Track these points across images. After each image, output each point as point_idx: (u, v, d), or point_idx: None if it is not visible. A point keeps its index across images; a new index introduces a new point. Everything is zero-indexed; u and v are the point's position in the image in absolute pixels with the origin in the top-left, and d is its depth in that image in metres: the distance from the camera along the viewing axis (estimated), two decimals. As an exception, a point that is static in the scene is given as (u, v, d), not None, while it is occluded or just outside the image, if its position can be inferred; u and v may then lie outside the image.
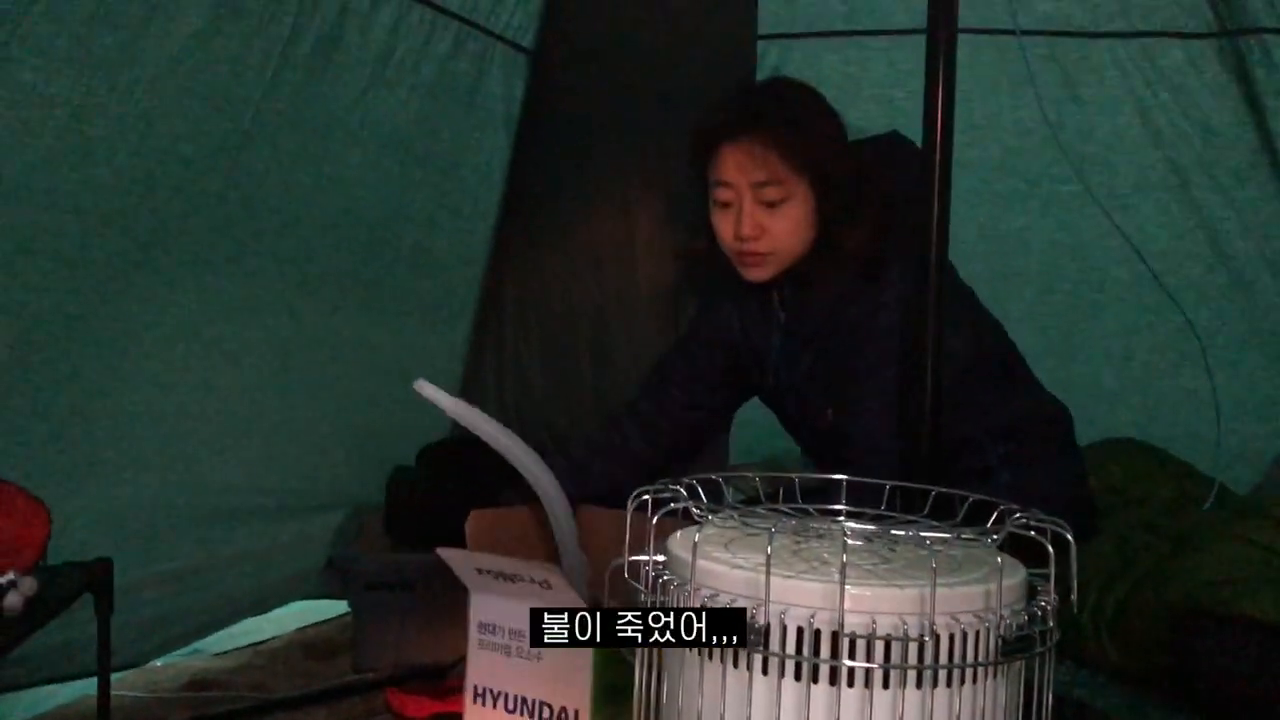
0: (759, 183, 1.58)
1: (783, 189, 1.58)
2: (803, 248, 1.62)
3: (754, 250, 1.62)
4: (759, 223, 1.60)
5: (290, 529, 2.28)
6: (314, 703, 1.91)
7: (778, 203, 1.58)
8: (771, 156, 1.57)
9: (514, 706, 1.49)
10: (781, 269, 1.64)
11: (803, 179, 1.58)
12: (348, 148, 2.22)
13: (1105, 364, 2.51)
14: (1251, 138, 2.30)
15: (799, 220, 1.60)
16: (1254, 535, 1.46)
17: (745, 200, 1.59)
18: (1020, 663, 0.93)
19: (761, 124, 1.58)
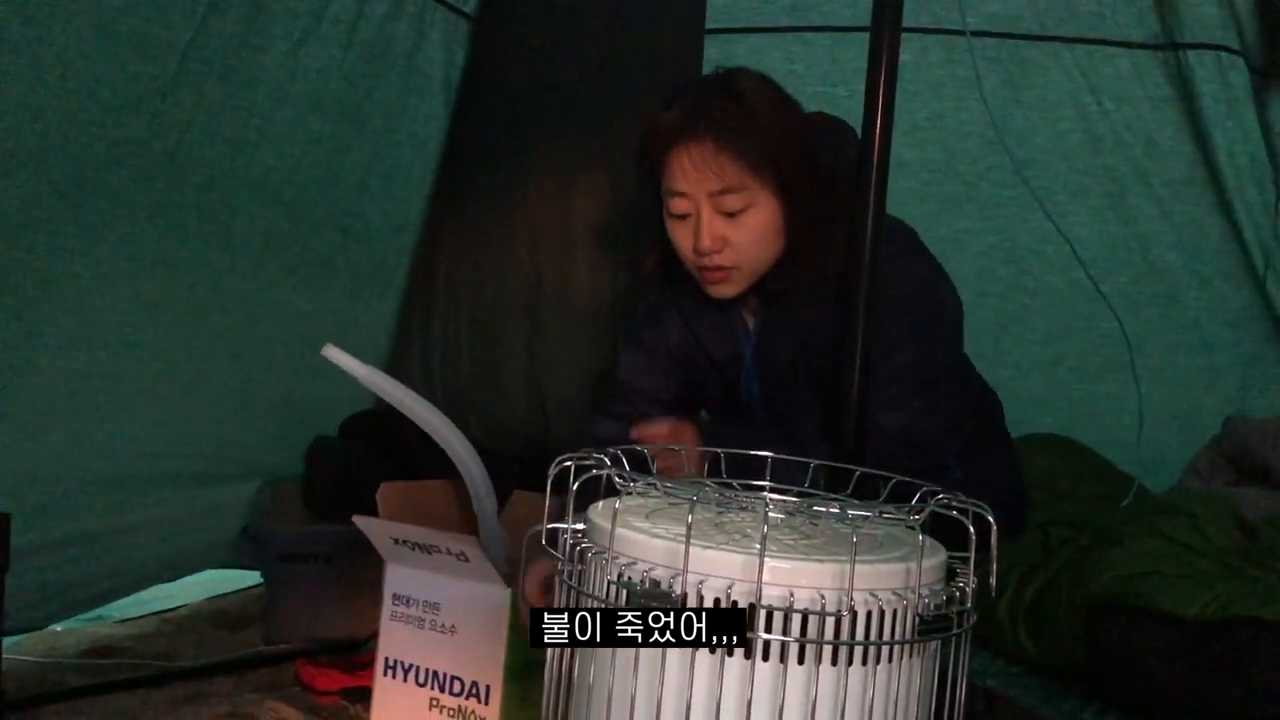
0: (717, 191, 1.42)
1: (744, 196, 1.42)
2: (771, 259, 1.47)
3: (717, 265, 1.46)
4: (720, 234, 1.43)
5: (204, 496, 2.21)
6: (220, 673, 1.86)
7: (739, 212, 1.43)
8: (729, 162, 1.40)
9: (425, 680, 1.46)
10: (749, 283, 1.49)
11: (766, 184, 1.42)
12: (277, 103, 2.16)
13: (1034, 368, 2.53)
14: (1190, 151, 2.34)
15: (764, 230, 1.44)
16: (1170, 531, 1.48)
17: (703, 211, 1.43)
18: (936, 644, 0.92)
19: (716, 125, 1.41)
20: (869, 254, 1.35)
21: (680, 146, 1.42)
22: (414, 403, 1.49)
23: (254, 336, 2.28)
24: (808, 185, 1.45)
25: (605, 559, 0.93)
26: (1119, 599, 1.34)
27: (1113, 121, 2.37)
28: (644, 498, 1.02)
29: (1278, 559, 1.44)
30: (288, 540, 2.06)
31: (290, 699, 1.78)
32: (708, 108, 1.42)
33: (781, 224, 1.45)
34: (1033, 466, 2.09)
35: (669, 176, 1.45)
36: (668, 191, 1.46)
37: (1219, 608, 1.28)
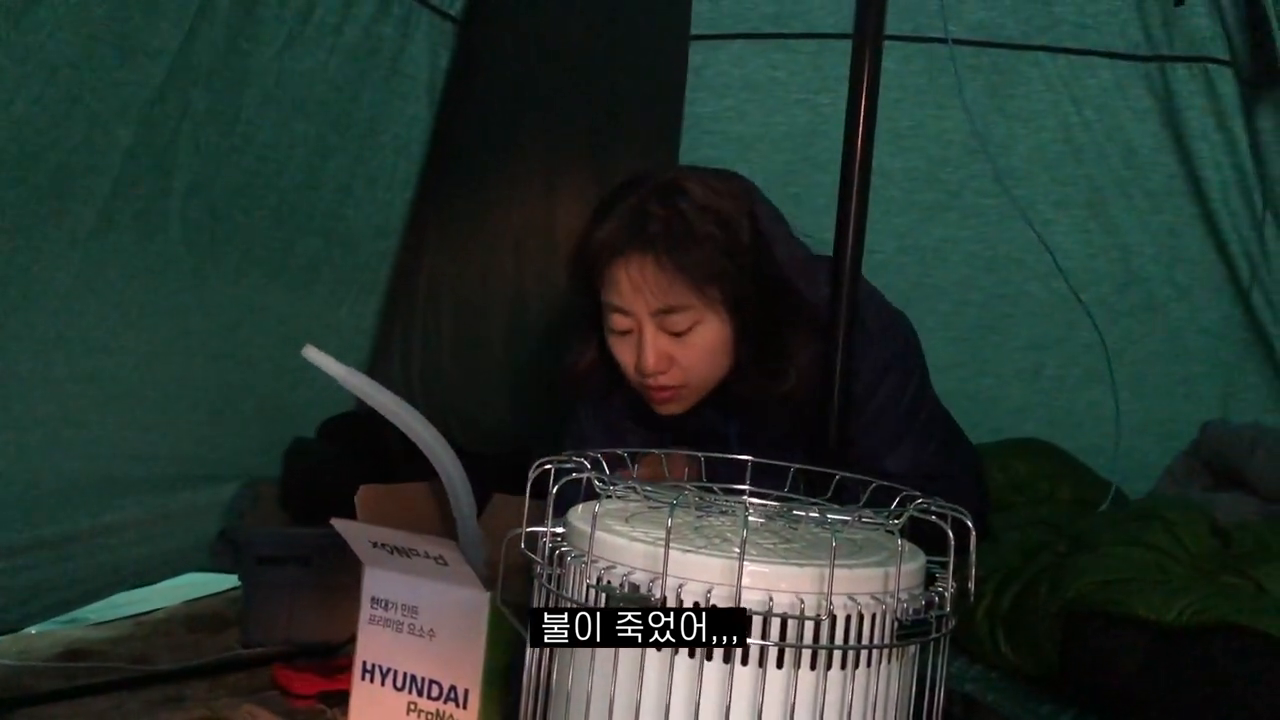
0: (660, 310, 1.33)
1: (690, 315, 1.33)
2: (721, 374, 1.39)
3: (662, 385, 1.37)
4: (665, 354, 1.35)
5: (182, 499, 2.20)
6: (196, 676, 1.84)
7: (685, 331, 1.34)
8: (672, 281, 1.31)
9: (403, 684, 1.45)
10: (700, 398, 1.41)
11: (713, 301, 1.34)
12: (262, 108, 2.16)
13: (1014, 378, 2.54)
14: (1170, 163, 2.35)
15: (714, 347, 1.36)
16: (1146, 538, 1.49)
17: (646, 329, 1.34)
18: (915, 649, 0.92)
19: (657, 242, 1.31)
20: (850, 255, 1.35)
21: (622, 261, 1.33)
22: (393, 404, 1.48)
23: (235, 340, 2.27)
24: (758, 296, 1.36)
25: (584, 563, 0.92)
26: (1096, 605, 1.35)
27: (1094, 132, 2.38)
28: (624, 501, 1.02)
29: (1253, 565, 1.44)
30: (265, 543, 2.04)
31: (267, 703, 1.76)
32: (648, 221, 1.32)
33: (731, 339, 1.37)
34: (1012, 470, 2.10)
35: (608, 290, 1.36)
36: (607, 305, 1.37)
37: (1194, 614, 1.29)
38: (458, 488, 1.49)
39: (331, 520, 1.46)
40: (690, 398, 1.40)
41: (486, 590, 1.39)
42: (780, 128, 2.50)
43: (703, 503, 0.99)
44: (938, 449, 1.47)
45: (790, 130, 2.49)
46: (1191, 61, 2.30)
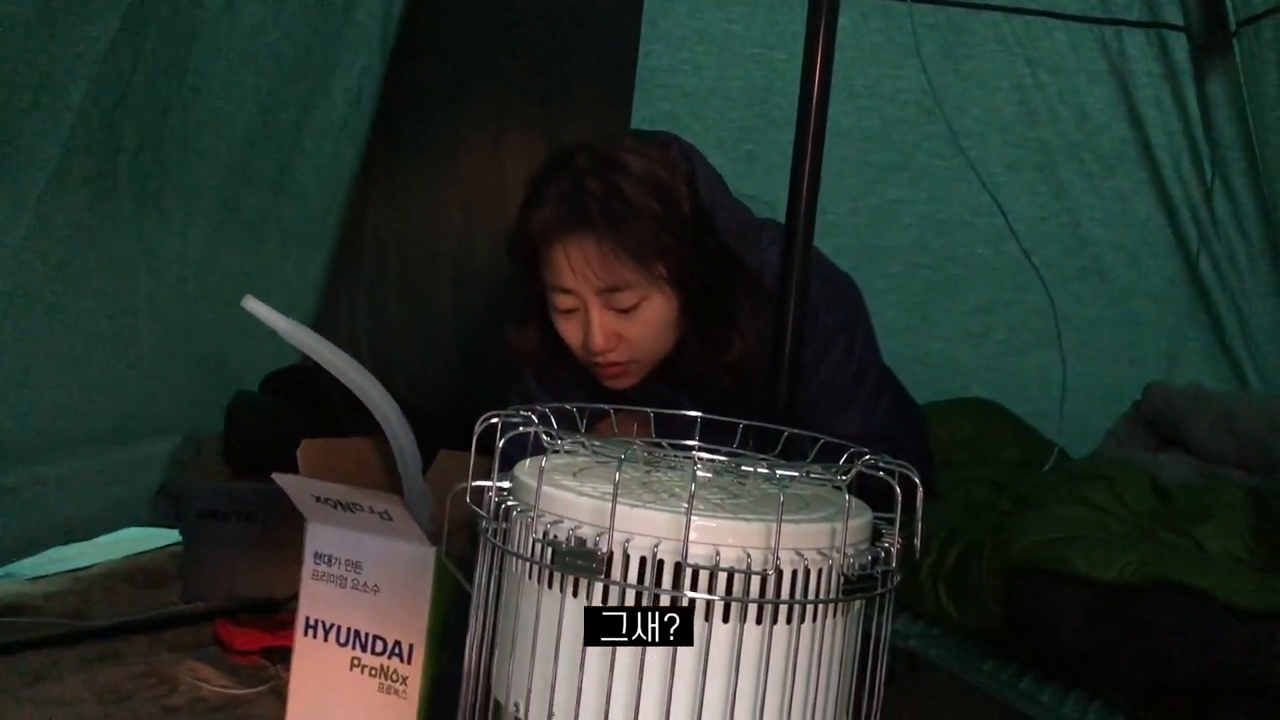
0: (606, 289, 1.30)
1: (636, 292, 1.30)
2: (671, 344, 1.38)
3: (611, 361, 1.35)
4: (612, 332, 1.32)
5: (122, 453, 2.16)
6: (135, 632, 1.82)
7: (631, 308, 1.32)
8: (615, 260, 1.28)
9: (347, 639, 1.44)
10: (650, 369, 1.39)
11: (658, 278, 1.31)
12: (212, 59, 2.11)
13: (963, 341, 2.56)
14: (1122, 127, 2.37)
15: (661, 322, 1.34)
16: (1088, 496, 1.50)
17: (592, 308, 1.31)
18: (860, 604, 0.92)
19: (597, 221, 1.28)
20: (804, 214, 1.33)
21: (559, 244, 1.30)
22: (336, 358, 1.45)
23: (181, 296, 2.24)
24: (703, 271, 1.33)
25: (530, 517, 0.91)
26: (1038, 563, 1.36)
27: (1048, 94, 2.39)
28: (571, 456, 1.01)
29: (1193, 524, 1.47)
30: (207, 497, 2.01)
31: (209, 658, 1.75)
32: (585, 200, 1.29)
33: (677, 313, 1.35)
34: (958, 429, 2.12)
35: (550, 271, 1.33)
36: (550, 285, 1.34)
37: (1135, 571, 1.31)
38: (402, 442, 1.47)
39: (273, 475, 1.44)
40: (639, 372, 1.39)
41: (431, 545, 1.38)
42: (736, 83, 2.48)
43: (651, 458, 0.98)
44: (886, 412, 1.47)
45: (746, 86, 2.47)
46: (1146, 26, 2.31)
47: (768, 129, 2.41)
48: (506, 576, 0.96)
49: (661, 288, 1.33)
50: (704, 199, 1.37)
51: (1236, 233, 2.34)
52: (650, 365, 1.39)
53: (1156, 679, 1.26)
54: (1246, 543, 1.44)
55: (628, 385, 1.40)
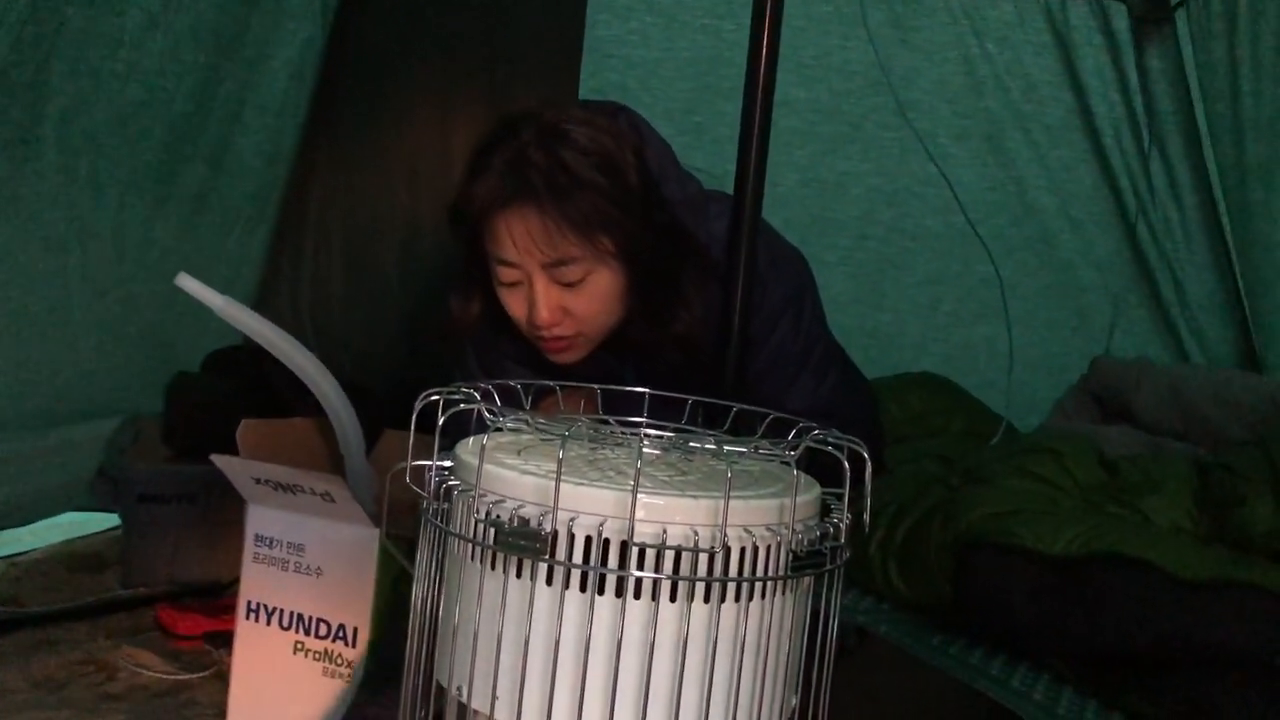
0: (551, 263, 1.28)
1: (582, 266, 1.28)
2: (618, 319, 1.36)
3: (557, 335, 1.33)
4: (557, 305, 1.30)
5: (58, 435, 2.11)
6: (73, 618, 1.78)
7: (577, 282, 1.29)
8: (558, 234, 1.26)
9: (290, 623, 1.41)
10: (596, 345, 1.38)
11: (608, 249, 1.29)
12: (147, 31, 2.04)
13: (912, 312, 2.56)
14: (1067, 97, 2.37)
15: (607, 296, 1.32)
16: (1036, 470, 1.51)
17: (536, 282, 1.29)
18: (809, 580, 0.91)
19: (540, 194, 1.25)
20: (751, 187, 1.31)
21: (502, 216, 1.27)
22: (275, 335, 1.41)
23: (118, 274, 2.17)
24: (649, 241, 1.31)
25: (472, 497, 0.89)
26: (986, 537, 1.37)
27: (995, 65, 2.39)
28: (515, 434, 0.99)
29: (1138, 496, 1.48)
30: (147, 480, 1.97)
31: (149, 644, 1.71)
32: (529, 172, 1.26)
33: (624, 286, 1.33)
34: (907, 404, 2.13)
35: (493, 243, 1.30)
36: (494, 258, 1.31)
37: (1081, 544, 1.32)
38: (344, 422, 1.44)
39: (212, 456, 1.41)
40: (585, 346, 1.37)
41: (375, 527, 1.35)
42: (683, 54, 2.46)
43: (597, 435, 0.97)
44: (834, 385, 1.46)
45: (694, 57, 2.45)
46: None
47: (716, 100, 2.39)
48: (449, 558, 0.94)
49: (608, 261, 1.30)
50: (652, 171, 1.35)
51: (1172, 203, 2.37)
52: (597, 339, 1.37)
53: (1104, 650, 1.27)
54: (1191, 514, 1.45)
55: (573, 360, 1.38)
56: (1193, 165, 2.31)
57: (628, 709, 0.84)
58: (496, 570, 0.88)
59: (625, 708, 0.84)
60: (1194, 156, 2.31)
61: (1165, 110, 2.33)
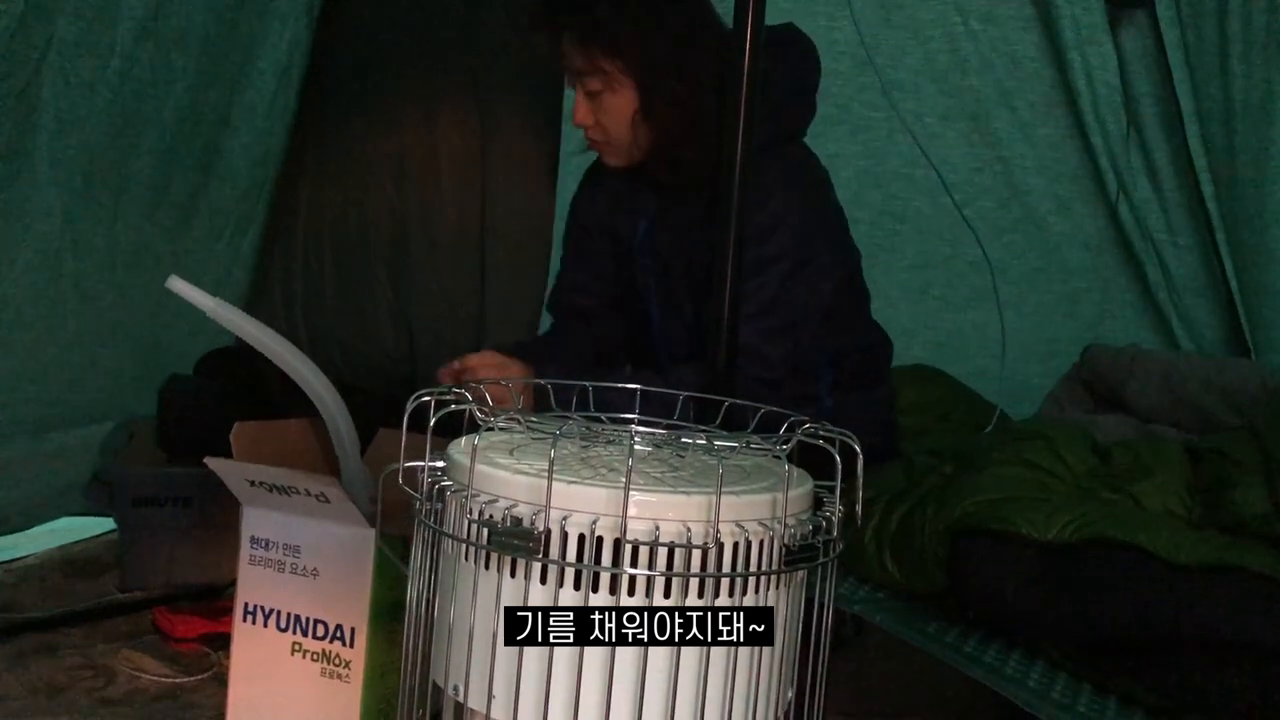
0: (578, 71, 1.53)
1: (601, 80, 1.52)
2: (645, 140, 1.57)
3: (591, 137, 1.59)
4: (585, 110, 1.56)
5: (53, 441, 2.11)
6: (71, 623, 1.78)
7: (598, 93, 1.53)
8: (579, 49, 1.52)
9: (287, 624, 1.41)
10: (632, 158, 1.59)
11: (619, 73, 1.52)
12: (138, 42, 2.04)
13: (903, 298, 2.54)
14: (1051, 74, 2.36)
15: (623, 113, 1.54)
16: (1029, 457, 1.51)
17: (577, 89, 1.56)
18: (803, 573, 0.91)
19: (568, 17, 1.52)
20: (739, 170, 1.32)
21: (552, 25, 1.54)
22: (266, 337, 1.41)
23: (110, 281, 2.17)
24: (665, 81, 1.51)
25: (465, 497, 0.89)
26: (980, 524, 1.37)
27: (979, 43, 2.37)
28: (507, 433, 0.99)
29: (1131, 481, 1.48)
30: (142, 483, 1.97)
31: (147, 648, 1.71)
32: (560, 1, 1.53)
33: (637, 109, 1.54)
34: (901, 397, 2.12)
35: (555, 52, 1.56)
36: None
37: (1074, 530, 1.32)
38: (338, 422, 1.44)
39: (206, 459, 1.41)
40: (621, 154, 1.59)
41: (371, 527, 1.35)
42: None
43: (589, 432, 0.97)
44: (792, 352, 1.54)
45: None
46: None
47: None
48: (443, 558, 0.94)
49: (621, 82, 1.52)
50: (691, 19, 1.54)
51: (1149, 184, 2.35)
52: (625, 148, 1.58)
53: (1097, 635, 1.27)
54: (1183, 499, 1.46)
55: (616, 163, 1.61)
56: (1173, 147, 2.30)
57: (624, 707, 0.84)
58: (490, 570, 0.88)
59: (622, 705, 0.84)
60: (1174, 138, 2.30)
61: (1142, 92, 2.32)
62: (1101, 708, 1.24)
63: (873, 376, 1.71)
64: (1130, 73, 2.29)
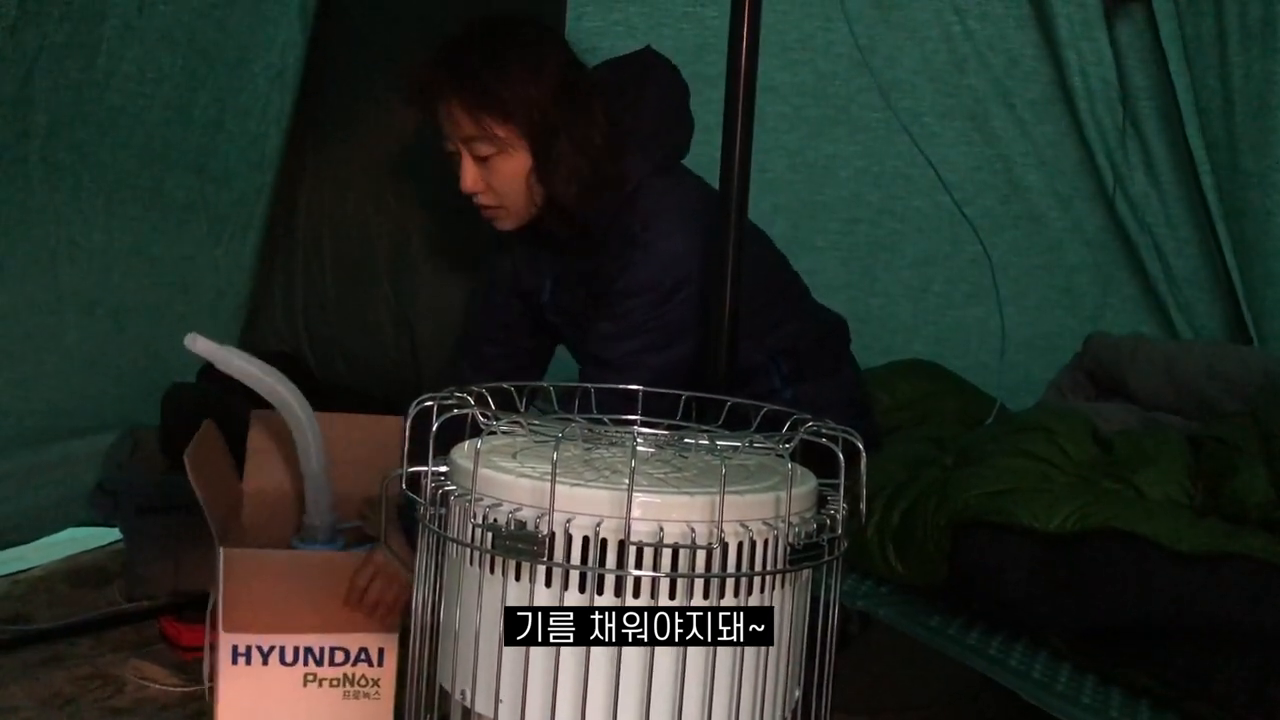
0: (467, 138, 1.49)
1: (491, 144, 1.48)
2: (537, 202, 1.53)
3: (483, 204, 1.55)
4: (475, 177, 1.52)
5: (55, 452, 2.11)
6: (78, 634, 1.79)
7: (490, 157, 1.49)
8: (470, 115, 1.47)
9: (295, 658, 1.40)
10: (524, 221, 1.56)
11: (512, 137, 1.48)
12: (124, 41, 2.03)
13: (903, 295, 2.55)
14: (1049, 71, 2.36)
15: (516, 175, 1.51)
16: (1029, 448, 1.51)
17: (463, 155, 1.51)
18: (809, 572, 0.91)
19: (459, 82, 1.48)
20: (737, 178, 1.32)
21: (433, 98, 1.50)
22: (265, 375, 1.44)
23: (108, 286, 2.17)
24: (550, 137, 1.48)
25: (469, 501, 0.89)
26: (982, 516, 1.37)
27: (976, 41, 2.37)
28: (510, 437, 0.99)
29: (1132, 471, 1.48)
30: (146, 492, 1.97)
31: (155, 657, 1.72)
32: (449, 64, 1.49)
33: (532, 170, 1.50)
34: (898, 392, 2.12)
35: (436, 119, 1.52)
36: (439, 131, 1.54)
37: (1077, 520, 1.32)
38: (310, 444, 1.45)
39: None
40: (513, 218, 1.56)
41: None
42: (668, 43, 2.42)
43: (592, 435, 0.97)
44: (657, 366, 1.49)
45: (679, 45, 2.42)
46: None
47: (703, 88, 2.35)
48: (447, 562, 0.94)
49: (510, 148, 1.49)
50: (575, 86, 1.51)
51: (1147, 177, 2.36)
52: (519, 213, 1.55)
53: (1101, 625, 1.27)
54: (1185, 487, 1.46)
55: (506, 229, 1.57)
56: (1171, 141, 2.30)
57: (631, 708, 0.84)
58: (495, 574, 0.88)
59: (629, 708, 0.84)
60: (1171, 132, 2.30)
61: (1138, 86, 2.32)
62: (1106, 698, 1.24)
63: (830, 362, 1.68)
64: (1126, 67, 2.30)
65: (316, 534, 1.45)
